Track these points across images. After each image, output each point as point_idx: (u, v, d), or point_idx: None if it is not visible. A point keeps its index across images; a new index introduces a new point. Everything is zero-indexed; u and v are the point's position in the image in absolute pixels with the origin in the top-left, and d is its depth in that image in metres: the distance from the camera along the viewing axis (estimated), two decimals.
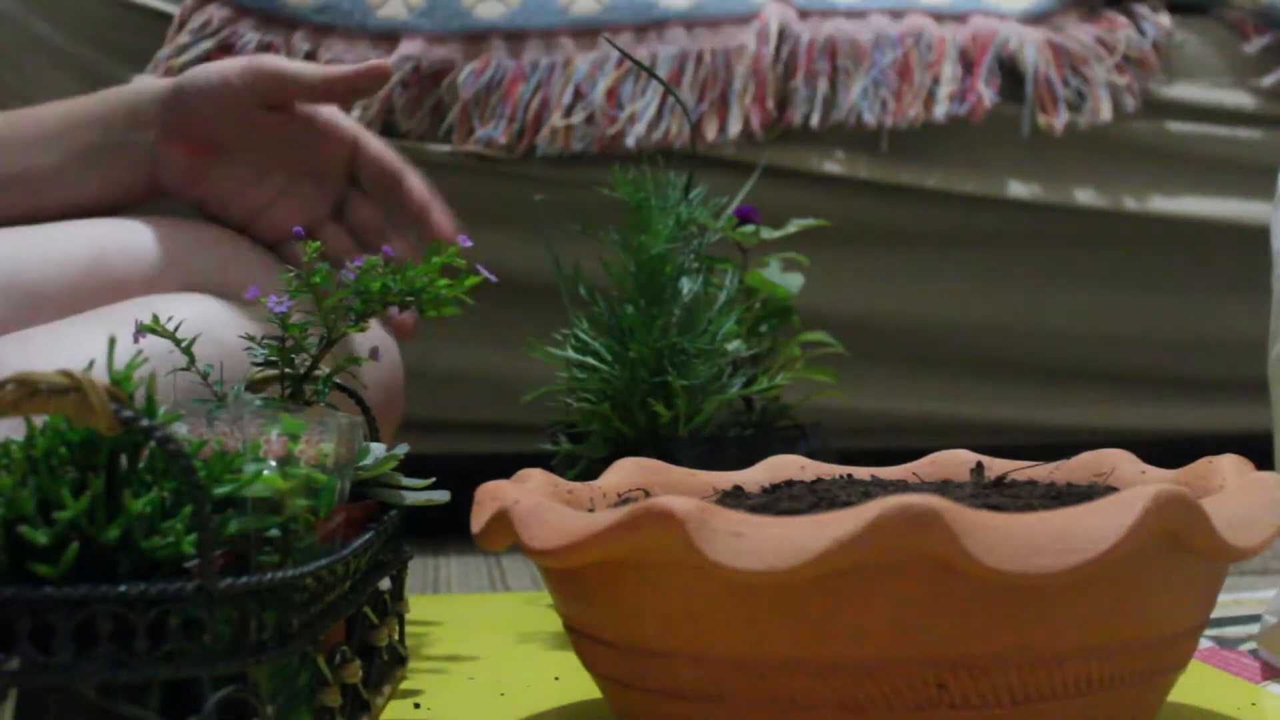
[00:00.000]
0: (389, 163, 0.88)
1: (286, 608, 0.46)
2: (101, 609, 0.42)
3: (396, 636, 0.67)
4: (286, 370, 0.65)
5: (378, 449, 0.64)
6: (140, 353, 0.46)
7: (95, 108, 0.85)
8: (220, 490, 0.46)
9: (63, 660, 0.41)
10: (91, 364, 0.43)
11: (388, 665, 0.66)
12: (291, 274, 0.64)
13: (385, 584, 0.66)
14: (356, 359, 0.67)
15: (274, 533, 0.47)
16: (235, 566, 0.46)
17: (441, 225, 0.87)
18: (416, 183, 0.88)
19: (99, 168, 0.85)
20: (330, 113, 0.87)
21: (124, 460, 0.45)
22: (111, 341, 0.45)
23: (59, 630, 0.41)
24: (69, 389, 0.41)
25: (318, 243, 0.65)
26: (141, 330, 0.61)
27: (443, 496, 0.66)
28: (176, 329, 0.61)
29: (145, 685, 0.43)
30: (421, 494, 0.65)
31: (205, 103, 0.82)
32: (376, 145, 0.88)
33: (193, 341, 0.62)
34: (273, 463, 0.48)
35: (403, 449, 0.65)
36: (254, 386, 0.65)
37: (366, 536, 0.57)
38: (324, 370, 0.66)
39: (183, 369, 0.61)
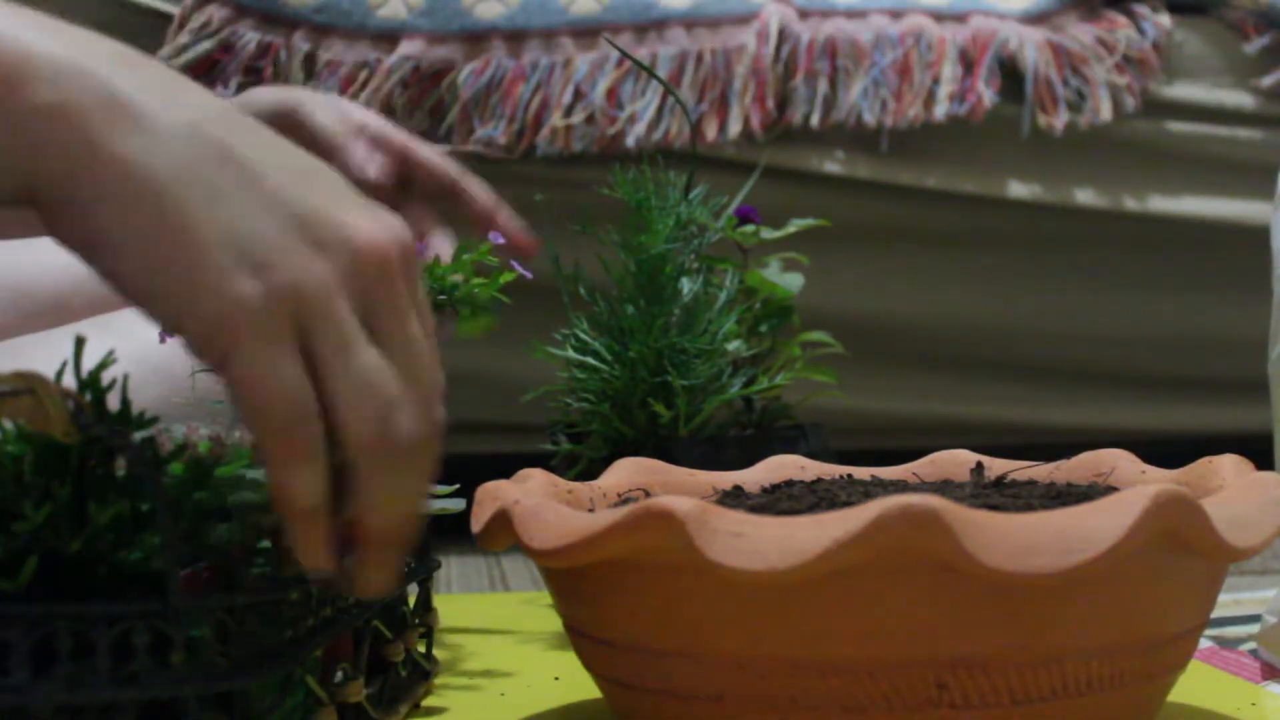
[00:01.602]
0: (443, 170, 0.85)
1: (269, 625, 0.43)
2: (62, 626, 0.39)
3: (421, 649, 0.64)
4: None
5: None
6: (111, 353, 0.43)
7: None
8: (197, 498, 0.43)
9: (18, 680, 0.39)
10: (64, 367, 0.41)
11: (408, 680, 0.62)
12: None
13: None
14: None
15: (264, 543, 0.44)
16: (223, 580, 0.43)
17: (510, 229, 0.84)
18: (477, 187, 0.85)
19: None
20: (377, 124, 0.84)
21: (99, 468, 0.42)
22: (79, 342, 0.42)
23: (15, 648, 0.39)
24: (22, 392, 0.38)
25: None
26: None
27: (457, 505, 0.63)
28: None
29: (115, 707, 0.40)
30: (436, 502, 0.62)
31: None
32: (428, 153, 0.85)
33: None
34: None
35: None
36: None
37: None
38: None
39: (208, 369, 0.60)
